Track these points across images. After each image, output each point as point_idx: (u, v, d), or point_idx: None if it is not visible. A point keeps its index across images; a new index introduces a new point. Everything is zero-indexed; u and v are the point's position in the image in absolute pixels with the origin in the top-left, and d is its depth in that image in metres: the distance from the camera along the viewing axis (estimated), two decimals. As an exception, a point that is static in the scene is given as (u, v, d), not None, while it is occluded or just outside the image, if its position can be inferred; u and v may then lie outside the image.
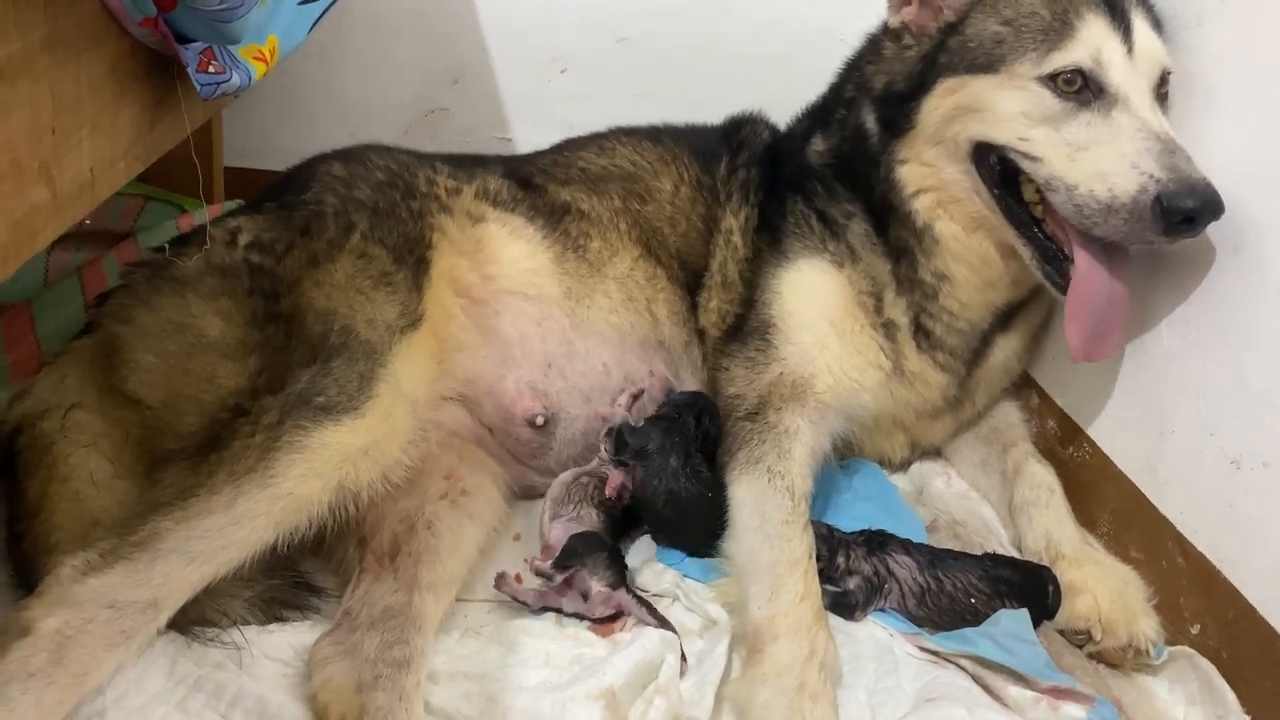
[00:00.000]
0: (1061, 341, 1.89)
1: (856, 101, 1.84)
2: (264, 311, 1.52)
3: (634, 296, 1.89)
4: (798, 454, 1.67)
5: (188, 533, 1.28)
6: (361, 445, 1.43)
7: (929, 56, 1.70)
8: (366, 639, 1.38)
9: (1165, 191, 1.46)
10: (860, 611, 1.58)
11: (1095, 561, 1.67)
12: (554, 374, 1.81)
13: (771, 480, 1.62)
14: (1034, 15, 1.62)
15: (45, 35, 1.19)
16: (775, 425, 1.70)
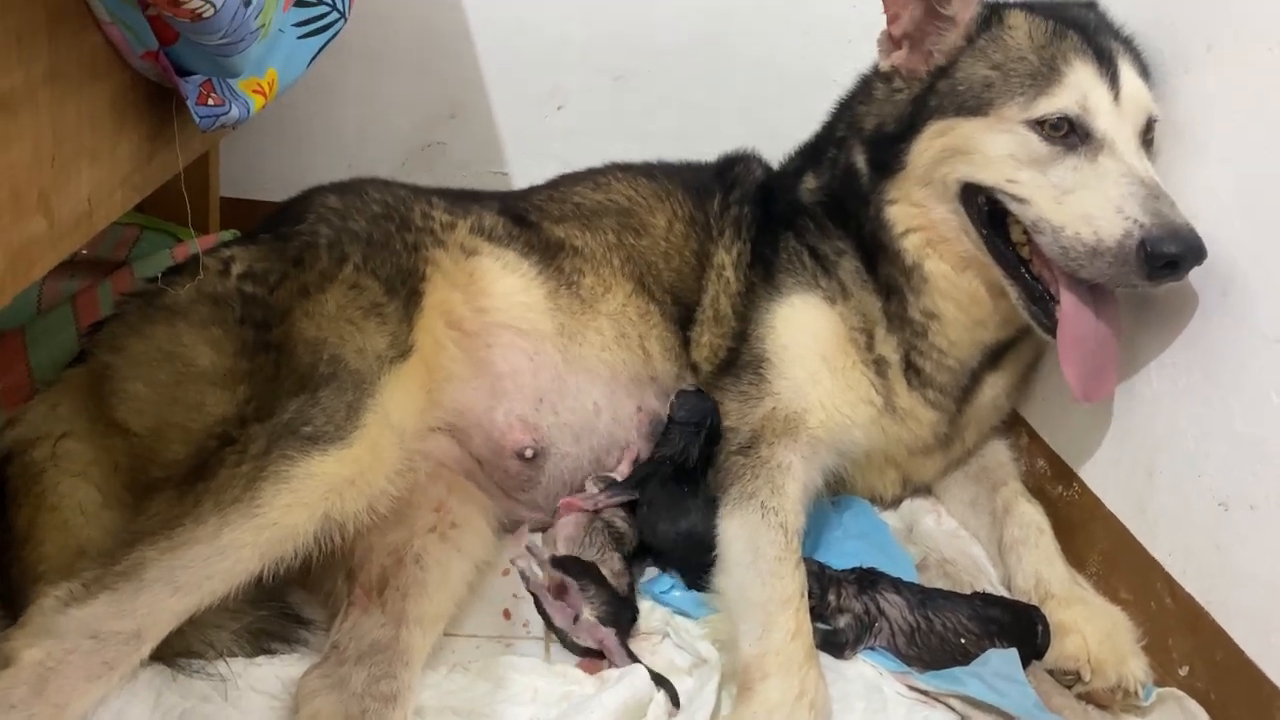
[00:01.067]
0: (1052, 382, 1.92)
1: (847, 141, 1.86)
2: (254, 341, 1.52)
3: (626, 333, 1.90)
4: (791, 490, 1.67)
5: (172, 562, 1.27)
6: (348, 475, 1.42)
7: (919, 99, 1.73)
8: (354, 673, 1.37)
9: (1149, 236, 1.49)
10: (850, 650, 1.57)
11: (1084, 602, 1.67)
12: (545, 409, 1.82)
13: (765, 516, 1.62)
14: (1022, 60, 1.64)
15: (48, 67, 1.20)
16: (768, 460, 1.70)
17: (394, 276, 1.69)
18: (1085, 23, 1.70)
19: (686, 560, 1.70)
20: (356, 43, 2.42)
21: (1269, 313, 1.44)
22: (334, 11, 1.80)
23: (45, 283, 2.12)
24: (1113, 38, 1.70)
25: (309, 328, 1.54)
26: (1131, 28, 1.77)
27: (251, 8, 1.35)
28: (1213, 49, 1.56)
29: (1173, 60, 1.65)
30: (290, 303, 1.58)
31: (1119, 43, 1.69)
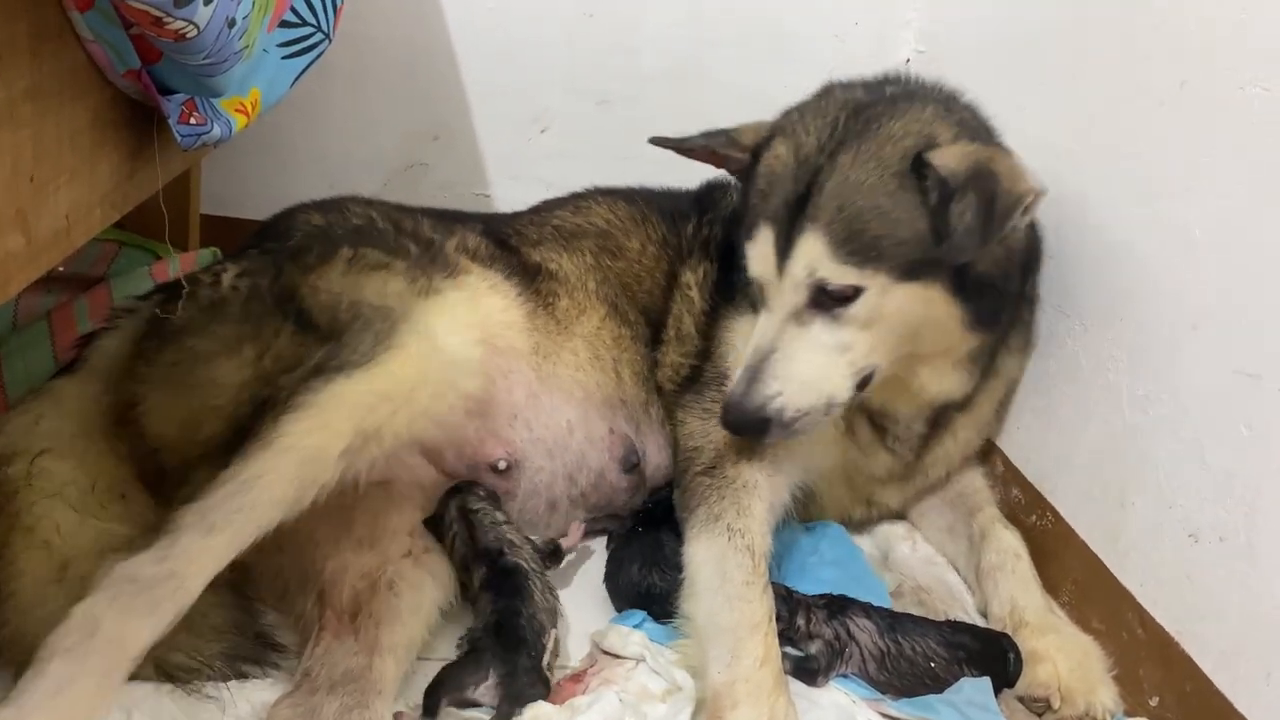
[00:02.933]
0: (1028, 411, 1.94)
1: None
2: (260, 313, 1.55)
3: (600, 355, 1.91)
4: (757, 510, 1.66)
5: (203, 506, 1.31)
6: (381, 390, 1.45)
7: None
8: (326, 702, 1.36)
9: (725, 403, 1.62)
10: (824, 677, 1.57)
11: (1057, 630, 1.68)
12: (519, 425, 1.82)
13: (732, 539, 1.61)
14: (747, 208, 1.69)
15: (29, 85, 1.20)
16: (733, 480, 1.69)
17: (393, 249, 1.71)
18: (812, 169, 1.60)
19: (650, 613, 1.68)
20: (341, 63, 2.42)
21: (1240, 347, 1.46)
22: (319, 32, 1.81)
23: (21, 298, 2.10)
24: (823, 188, 1.58)
25: (319, 293, 1.58)
26: (1103, 61, 1.80)
27: (235, 29, 1.35)
28: (1186, 85, 1.59)
29: (1145, 95, 1.67)
30: (294, 280, 1.61)
31: (828, 190, 1.57)
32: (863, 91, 1.72)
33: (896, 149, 1.56)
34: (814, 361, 1.58)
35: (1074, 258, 1.84)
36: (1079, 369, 1.80)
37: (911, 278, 1.55)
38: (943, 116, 1.63)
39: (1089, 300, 1.79)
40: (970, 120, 1.69)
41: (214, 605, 1.43)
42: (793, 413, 1.58)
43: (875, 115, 1.62)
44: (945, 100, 1.70)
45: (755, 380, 1.58)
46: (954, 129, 1.61)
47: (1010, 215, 1.49)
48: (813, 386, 1.58)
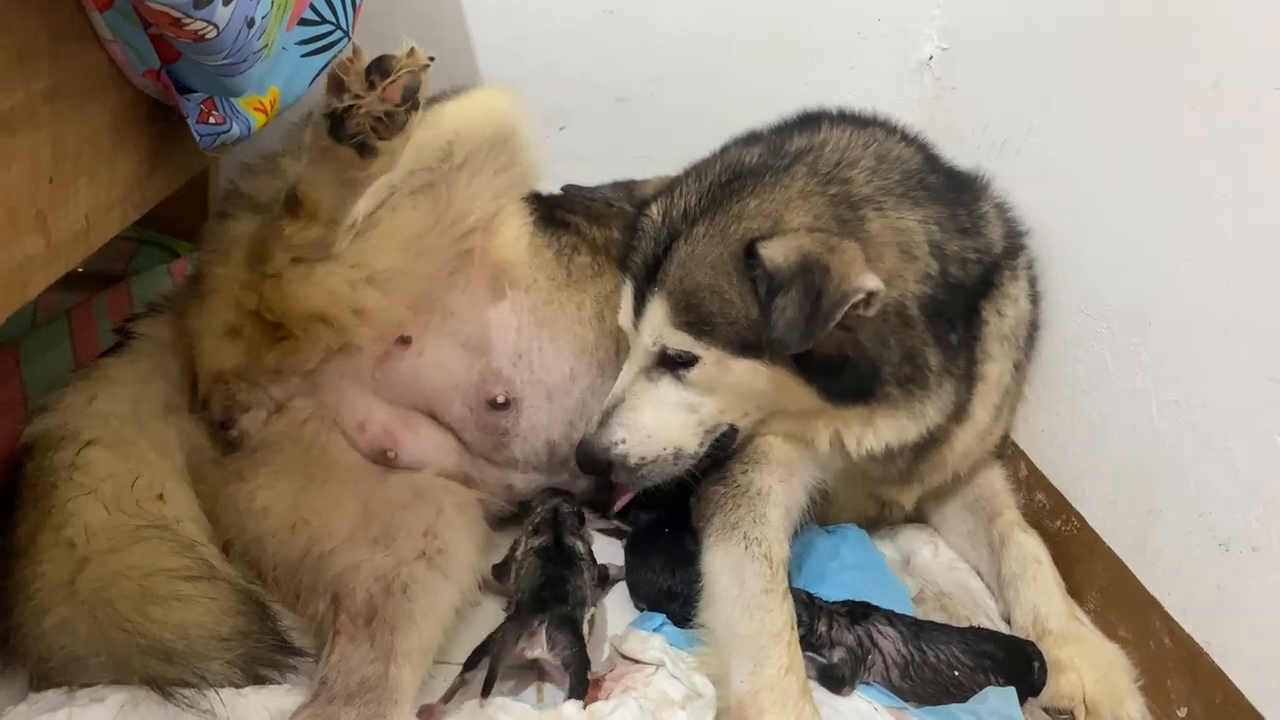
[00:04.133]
0: (1051, 415, 1.91)
1: None
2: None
3: (605, 318, 1.92)
4: (773, 517, 1.65)
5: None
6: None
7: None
8: (343, 712, 1.35)
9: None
10: (849, 686, 1.55)
11: (1081, 639, 1.66)
12: (521, 365, 1.87)
13: (749, 547, 1.59)
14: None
15: (49, 86, 1.19)
16: (748, 488, 1.68)
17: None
18: (671, 234, 1.64)
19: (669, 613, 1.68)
20: (360, 60, 2.41)
21: (1273, 353, 1.43)
22: (337, 30, 1.79)
23: (40, 297, 2.10)
24: (673, 257, 1.61)
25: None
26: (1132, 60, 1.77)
27: (255, 29, 1.34)
28: (1218, 86, 1.56)
29: (1176, 95, 1.64)
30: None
31: (676, 259, 1.61)
32: (758, 152, 1.71)
33: (739, 229, 1.58)
34: (658, 416, 1.65)
35: (1101, 260, 1.82)
36: (1105, 373, 1.77)
37: (748, 354, 1.58)
38: (810, 195, 1.61)
39: (1116, 303, 1.76)
40: (852, 193, 1.63)
41: (225, 613, 1.43)
42: (636, 460, 1.66)
43: (740, 186, 1.63)
44: (829, 171, 1.65)
45: (604, 426, 1.67)
46: (812, 212, 1.58)
47: (835, 313, 1.46)
48: (656, 439, 1.65)
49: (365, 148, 1.47)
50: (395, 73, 1.43)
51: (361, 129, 1.44)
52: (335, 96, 1.43)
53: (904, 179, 1.69)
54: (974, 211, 1.77)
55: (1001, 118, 2.20)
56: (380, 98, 1.43)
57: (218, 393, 1.72)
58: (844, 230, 1.56)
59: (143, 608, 1.37)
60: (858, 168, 1.67)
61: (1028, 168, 2.08)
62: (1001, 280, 1.79)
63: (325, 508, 1.64)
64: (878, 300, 1.50)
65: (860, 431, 1.68)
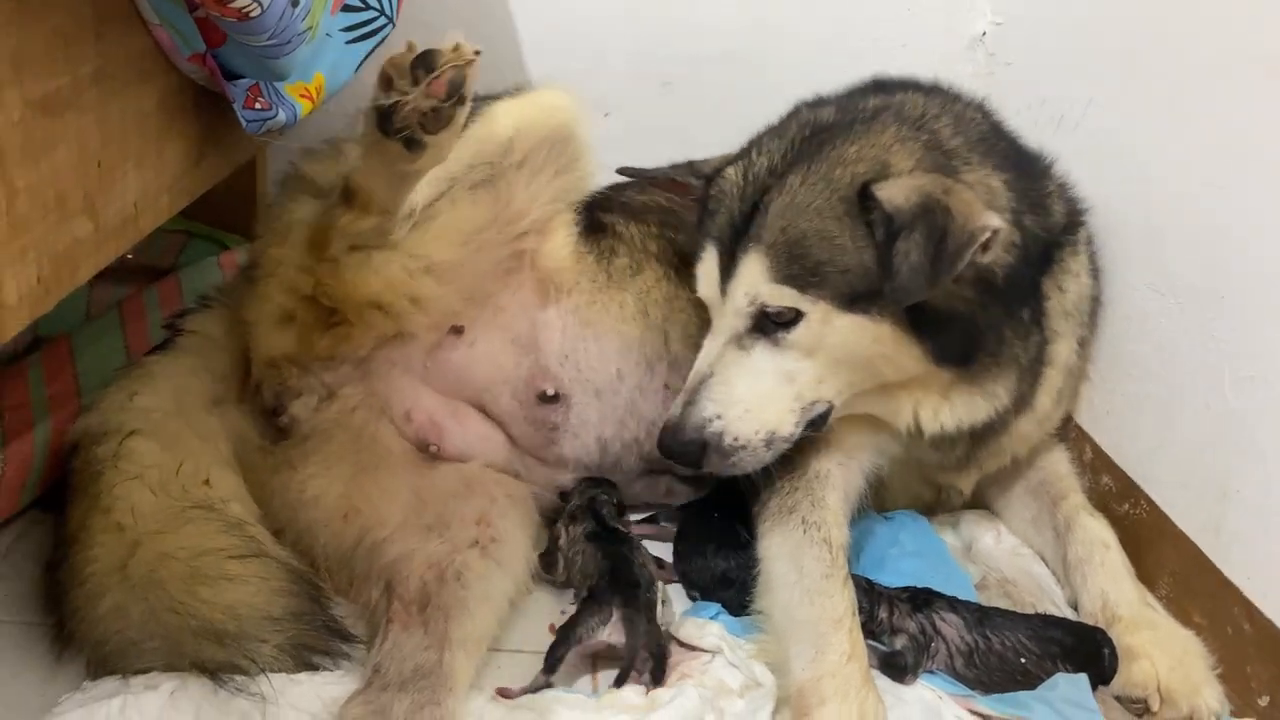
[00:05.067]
0: (1118, 396, 1.85)
1: None
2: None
3: (648, 312, 1.90)
4: (832, 501, 1.61)
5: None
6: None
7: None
8: (397, 700, 1.33)
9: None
10: (912, 674, 1.51)
11: (1154, 625, 1.60)
12: (569, 365, 1.86)
13: (807, 531, 1.55)
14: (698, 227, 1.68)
15: (95, 69, 1.19)
16: (804, 472, 1.63)
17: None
18: (760, 189, 1.56)
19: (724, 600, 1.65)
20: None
21: (1357, 324, 1.37)
22: (382, 16, 1.78)
23: (94, 290, 2.13)
24: (768, 208, 1.53)
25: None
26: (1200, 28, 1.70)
27: (299, 9, 1.33)
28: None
29: (1250, 64, 1.56)
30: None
31: (773, 210, 1.52)
32: (832, 111, 1.65)
33: (846, 173, 1.50)
34: (755, 388, 1.53)
35: (1169, 234, 1.75)
36: (1175, 350, 1.71)
37: (857, 309, 1.48)
38: (906, 140, 1.55)
39: (1186, 278, 1.70)
40: (942, 142, 1.57)
41: (275, 593, 1.43)
42: (731, 440, 1.52)
43: (830, 136, 1.56)
44: (917, 120, 1.60)
45: (691, 404, 1.54)
46: (914, 156, 1.52)
47: (962, 255, 1.39)
48: (753, 414, 1.53)
49: (412, 142, 1.46)
50: (440, 68, 1.41)
51: (408, 124, 1.43)
52: (384, 91, 1.43)
53: (981, 139, 1.63)
54: (1039, 185, 1.71)
55: (1059, 92, 2.14)
56: (425, 93, 1.41)
57: (270, 378, 1.73)
58: (942, 175, 1.50)
59: (192, 588, 1.37)
60: (940, 122, 1.61)
61: (1088, 142, 2.01)
62: (1062, 256, 1.73)
63: (377, 496, 1.64)
64: (996, 243, 1.45)
65: (937, 406, 1.60)
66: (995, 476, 1.91)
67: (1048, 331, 1.70)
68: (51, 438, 1.71)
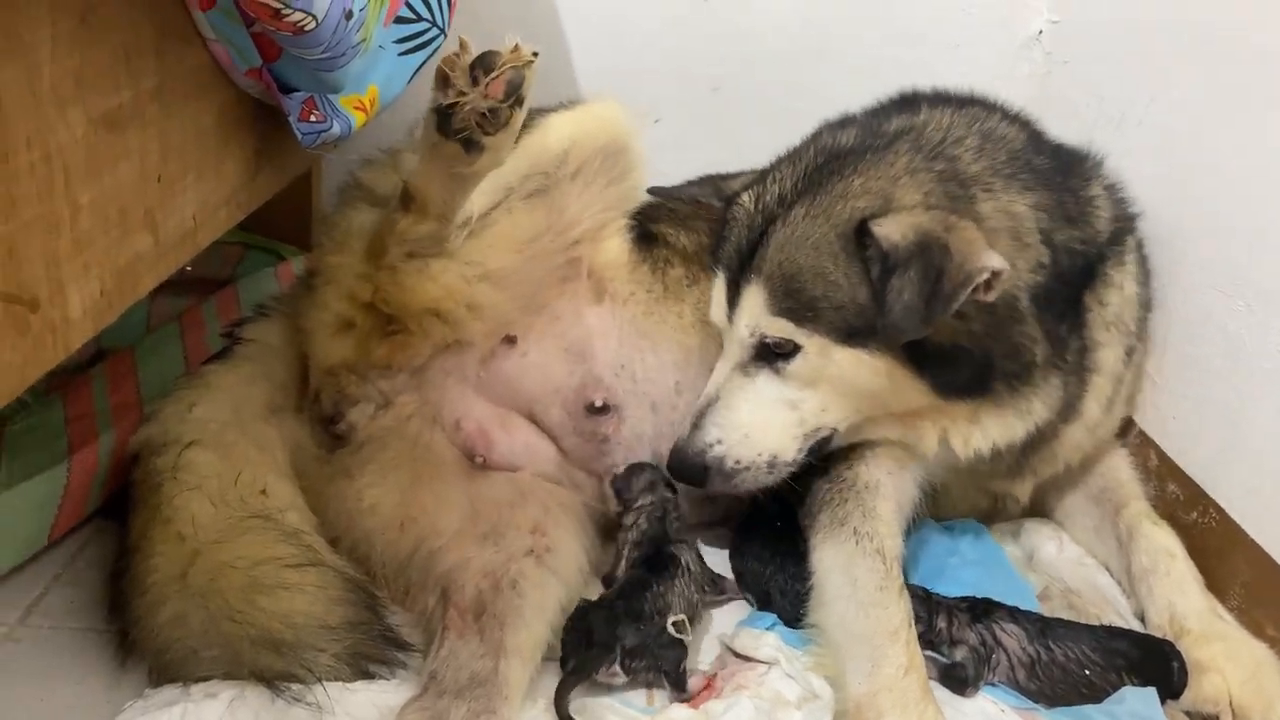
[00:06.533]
0: (1181, 400, 1.80)
1: None
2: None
3: (707, 321, 1.87)
4: (884, 511, 1.58)
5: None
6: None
7: None
8: (453, 707, 1.34)
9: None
10: (972, 687, 1.48)
11: (1225, 638, 1.55)
12: (624, 375, 1.84)
13: (860, 543, 1.53)
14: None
15: (155, 85, 1.21)
16: (855, 482, 1.62)
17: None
18: (768, 219, 1.57)
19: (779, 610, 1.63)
20: (455, 59, 2.43)
21: None
22: (434, 27, 1.80)
23: (154, 302, 2.17)
24: (770, 240, 1.54)
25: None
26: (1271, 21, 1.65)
27: (353, 22, 1.34)
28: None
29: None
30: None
31: (774, 242, 1.53)
32: (853, 133, 1.64)
33: (845, 208, 1.49)
34: (756, 415, 1.56)
35: (1235, 234, 1.70)
36: (1242, 352, 1.66)
37: (854, 343, 1.48)
38: (917, 171, 1.52)
39: (1254, 279, 1.65)
40: (960, 170, 1.54)
41: (333, 602, 1.44)
42: (732, 464, 1.56)
43: (841, 166, 1.55)
44: (935, 146, 1.57)
45: (697, 428, 1.58)
46: (923, 189, 1.49)
47: (957, 295, 1.36)
48: (753, 439, 1.56)
49: (471, 143, 1.47)
50: (499, 68, 1.43)
51: (467, 124, 1.45)
52: (441, 92, 1.44)
53: (1010, 159, 1.59)
54: (1081, 197, 1.66)
55: (1119, 89, 2.10)
56: (484, 94, 1.43)
57: (328, 386, 1.74)
58: (956, 210, 1.48)
59: (251, 597, 1.39)
60: (963, 145, 1.58)
61: (1149, 140, 1.97)
62: (1105, 269, 1.68)
63: (433, 505, 1.64)
64: (999, 283, 1.41)
65: (967, 431, 1.59)
66: (1054, 483, 1.87)
67: (1089, 341, 1.65)
68: (115, 447, 1.74)
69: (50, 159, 1.01)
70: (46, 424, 1.75)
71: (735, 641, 1.56)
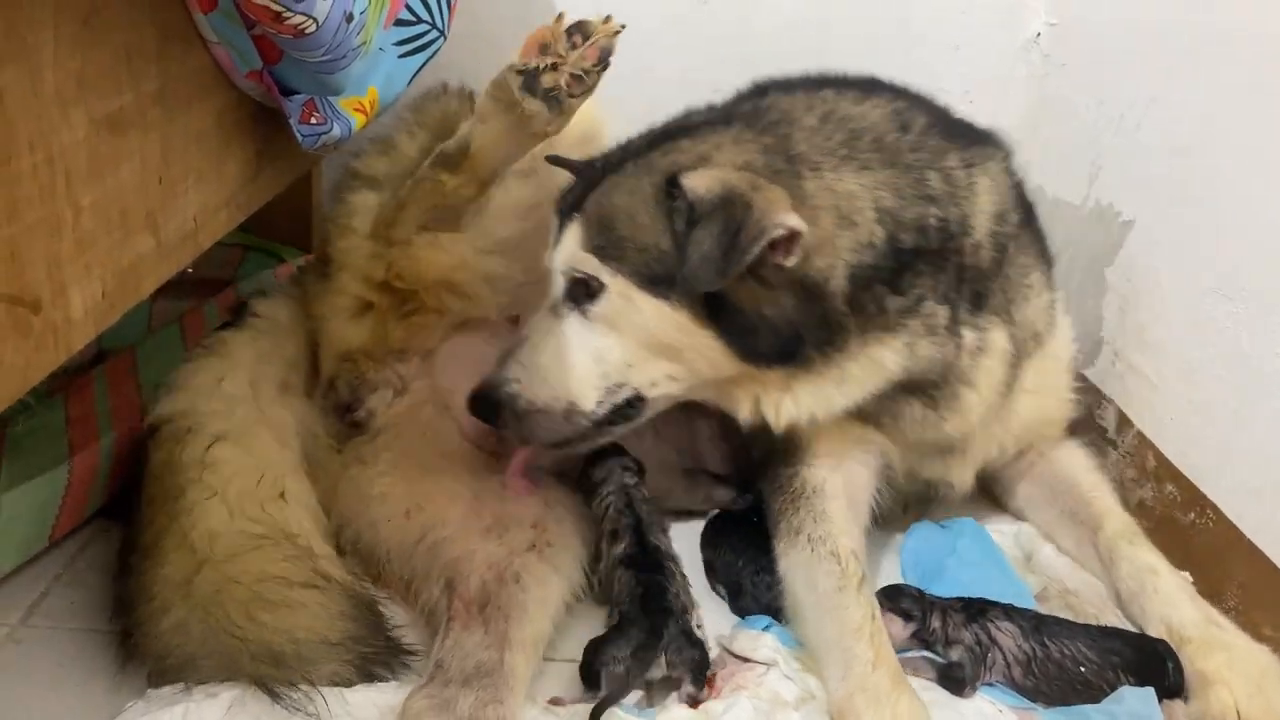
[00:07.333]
0: (1181, 402, 1.80)
1: None
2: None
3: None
4: (832, 511, 1.60)
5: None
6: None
7: None
8: (460, 695, 1.34)
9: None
10: (970, 687, 1.48)
11: (1227, 646, 1.52)
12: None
13: (814, 549, 1.55)
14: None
15: (157, 87, 1.21)
16: (801, 489, 1.64)
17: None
18: (604, 173, 1.59)
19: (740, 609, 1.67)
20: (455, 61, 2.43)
21: None
22: (433, 29, 1.80)
23: (155, 303, 2.17)
24: (598, 186, 1.56)
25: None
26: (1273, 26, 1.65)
27: (353, 24, 1.35)
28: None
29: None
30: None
31: (600, 188, 1.56)
32: (706, 114, 1.67)
33: (665, 161, 1.51)
34: (558, 356, 1.54)
35: (1235, 237, 1.71)
36: (1241, 354, 1.66)
37: (657, 292, 1.47)
38: (743, 142, 1.53)
39: (1253, 282, 1.65)
40: (791, 147, 1.53)
41: (335, 617, 1.43)
42: (525, 403, 1.55)
43: (678, 134, 1.58)
44: (772, 124, 1.56)
45: (502, 364, 1.58)
46: (743, 156, 1.49)
47: (750, 249, 1.36)
48: (551, 383, 1.54)
49: (555, 101, 1.59)
50: (595, 35, 1.56)
51: (556, 85, 1.57)
52: (538, 55, 1.57)
53: (849, 140, 1.56)
54: (954, 178, 1.61)
55: (1118, 91, 2.10)
56: (581, 56, 1.57)
57: (345, 373, 1.76)
58: (775, 180, 1.47)
59: (253, 613, 1.38)
60: (797, 126, 1.57)
61: (1149, 143, 1.98)
62: (961, 251, 1.62)
63: (439, 495, 1.66)
64: (800, 249, 1.42)
65: (779, 399, 1.56)
66: (1005, 476, 1.88)
67: (966, 323, 1.63)
68: (115, 449, 1.74)
69: (52, 161, 1.01)
70: (48, 425, 1.75)
71: (733, 643, 1.56)
